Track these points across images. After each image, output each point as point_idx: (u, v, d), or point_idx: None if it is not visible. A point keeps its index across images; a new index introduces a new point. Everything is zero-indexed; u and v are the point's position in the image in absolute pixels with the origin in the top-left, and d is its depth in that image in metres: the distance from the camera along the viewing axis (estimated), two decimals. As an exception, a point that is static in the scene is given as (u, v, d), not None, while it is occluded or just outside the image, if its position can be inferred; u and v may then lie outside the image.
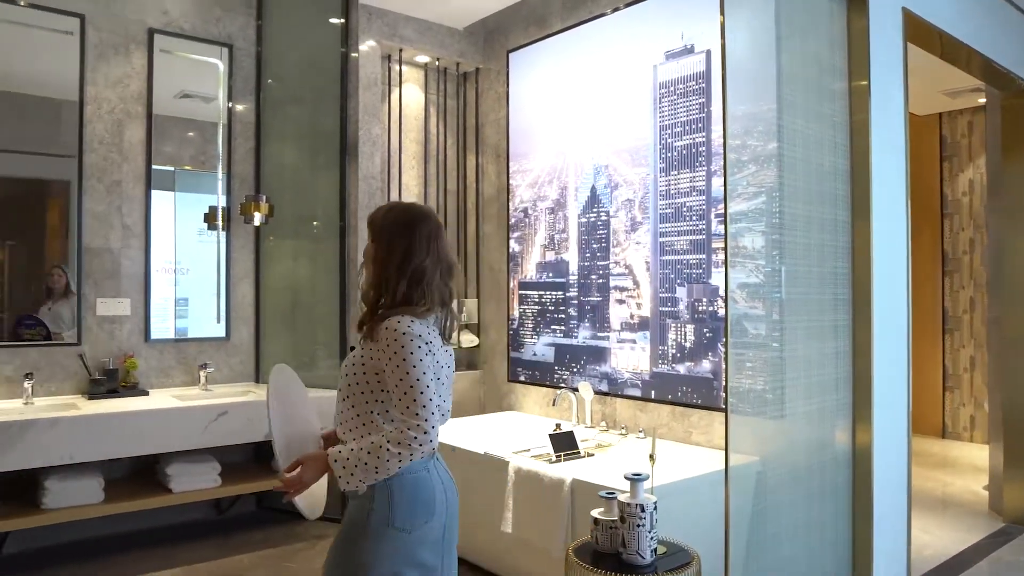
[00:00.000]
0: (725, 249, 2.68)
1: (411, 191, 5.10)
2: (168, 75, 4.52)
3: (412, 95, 5.11)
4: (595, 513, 2.62)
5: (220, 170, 4.71)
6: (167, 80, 4.52)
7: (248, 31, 4.81)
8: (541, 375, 4.71)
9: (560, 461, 3.62)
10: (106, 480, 3.92)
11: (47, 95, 4.18)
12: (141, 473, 4.33)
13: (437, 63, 5.15)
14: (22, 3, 4.07)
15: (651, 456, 2.67)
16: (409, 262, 1.91)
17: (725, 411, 2.74)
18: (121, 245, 4.36)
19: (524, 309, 4.84)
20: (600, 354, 4.32)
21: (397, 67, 4.98)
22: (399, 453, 1.78)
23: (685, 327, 3.86)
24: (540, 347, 4.72)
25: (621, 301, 4.20)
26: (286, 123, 4.84)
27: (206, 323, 4.68)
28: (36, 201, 4.25)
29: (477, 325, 5.24)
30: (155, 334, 4.44)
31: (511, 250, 4.95)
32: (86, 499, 3.80)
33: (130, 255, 4.39)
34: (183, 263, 4.62)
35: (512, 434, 4.37)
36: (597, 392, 4.29)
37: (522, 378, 4.86)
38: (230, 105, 4.74)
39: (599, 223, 4.34)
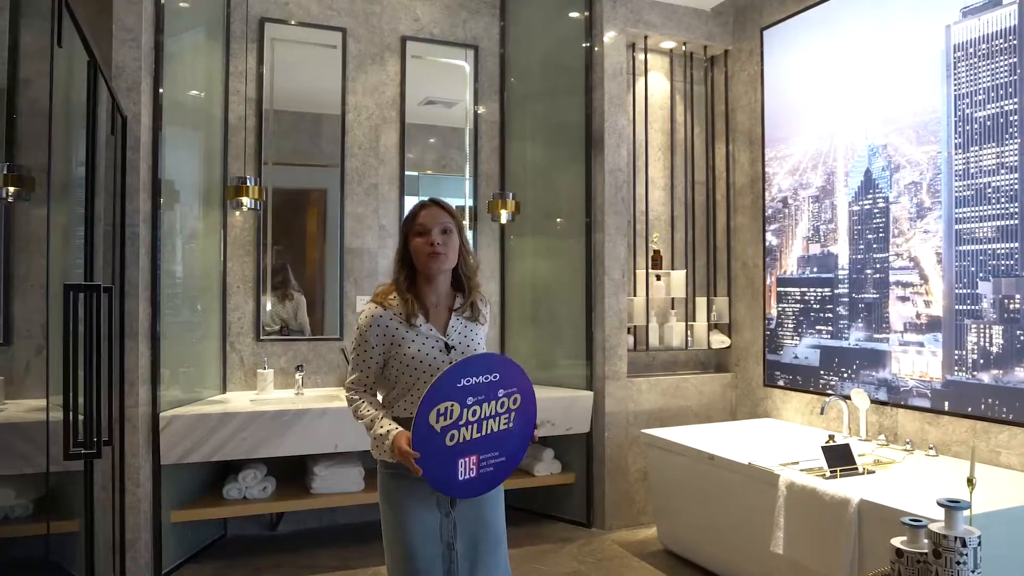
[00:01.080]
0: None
1: (657, 183, 4.88)
2: (418, 80, 4.70)
3: (657, 83, 4.90)
4: (897, 543, 2.24)
5: (468, 170, 4.82)
6: (416, 85, 4.69)
7: (492, 31, 4.88)
8: (803, 380, 4.29)
9: (836, 477, 3.23)
10: (365, 470, 4.13)
11: (311, 111, 4.51)
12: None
13: (684, 48, 4.89)
14: (293, 22, 4.42)
15: (970, 480, 2.24)
16: (470, 251, 2.30)
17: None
18: (378, 245, 4.60)
19: (783, 307, 4.44)
20: (877, 358, 3.82)
21: (642, 55, 4.79)
22: None
23: (990, 329, 3.29)
24: (802, 349, 4.29)
25: (904, 298, 3.68)
26: (529, 120, 4.85)
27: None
28: (300, 209, 4.60)
29: (728, 325, 4.90)
30: (411, 330, 4.63)
31: (767, 243, 4.57)
32: (348, 487, 4.03)
33: (386, 254, 4.61)
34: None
35: (772, 444, 4.01)
36: (873, 401, 3.80)
37: (780, 383, 4.46)
38: (476, 106, 4.83)
39: (875, 211, 3.85)
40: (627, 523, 4.45)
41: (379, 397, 2.27)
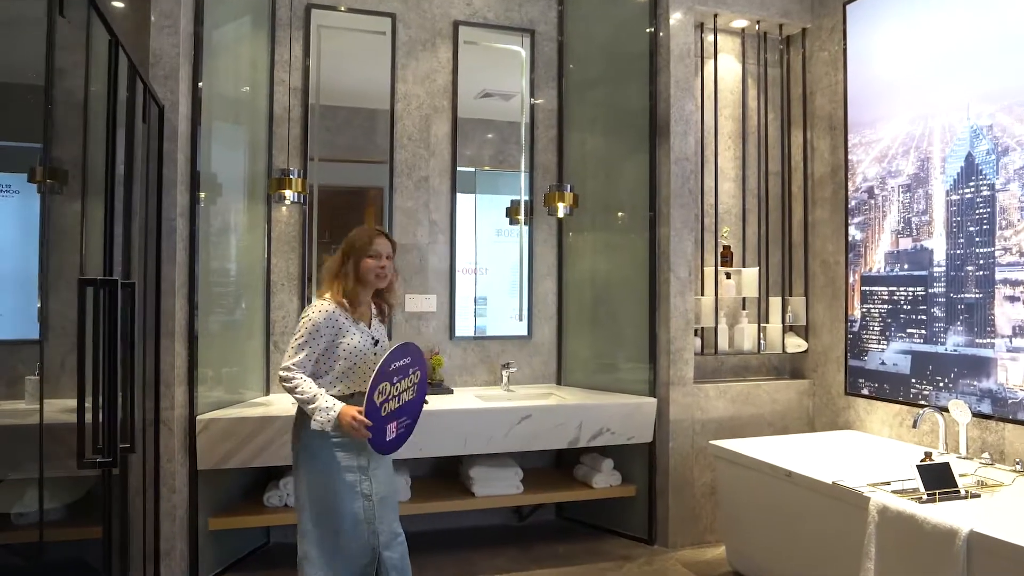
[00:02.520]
0: None
1: (727, 174, 4.52)
2: (470, 68, 4.45)
3: (728, 66, 4.53)
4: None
5: (523, 160, 4.55)
6: (470, 74, 4.44)
7: (549, 15, 4.59)
8: (891, 389, 3.87)
9: (934, 501, 2.84)
10: (412, 478, 3.90)
11: (359, 100, 4.30)
12: (444, 473, 4.29)
13: (757, 27, 4.51)
14: (342, 8, 4.22)
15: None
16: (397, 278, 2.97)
17: None
18: (429, 241, 4.37)
19: (868, 308, 4.03)
20: (979, 365, 3.40)
21: (711, 36, 4.43)
22: None
23: (1121, 334, 2.84)
24: (890, 354, 3.88)
25: (1014, 298, 3.25)
26: (589, 108, 4.54)
27: (503, 322, 4.54)
28: (346, 203, 4.40)
29: (804, 327, 4.50)
30: (458, 332, 4.39)
31: (850, 238, 4.15)
32: (398, 495, 3.80)
33: (437, 250, 4.38)
34: (481, 263, 4.53)
35: (856, 460, 3.62)
36: (975, 414, 3.38)
37: (865, 391, 4.04)
38: (532, 93, 4.56)
39: (978, 200, 3.42)
40: (693, 541, 4.10)
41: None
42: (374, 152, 4.29)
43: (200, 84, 3.51)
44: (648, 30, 4.22)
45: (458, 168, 4.43)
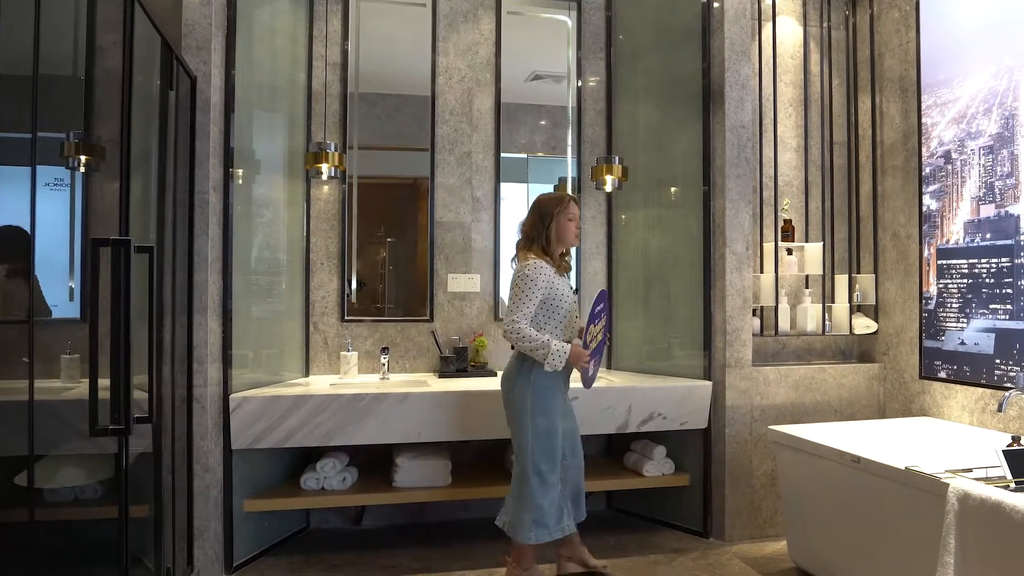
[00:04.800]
0: None
1: (788, 144, 4.23)
2: (515, 40, 4.28)
3: (787, 29, 4.24)
4: None
5: (570, 134, 4.35)
6: (514, 48, 4.27)
7: (597, -19, 4.38)
8: (973, 371, 3.53)
9: (1023, 489, 2.54)
10: (453, 463, 3.74)
11: (399, 73, 4.17)
12: (489, 458, 4.12)
13: (819, -14, 4.21)
14: (381, -22, 4.11)
15: None
16: None
17: None
18: (472, 219, 4.21)
19: (945, 284, 3.69)
20: (1074, 343, 3.05)
21: (769, -3, 4.15)
22: None
23: None
24: (971, 333, 3.54)
25: (1114, 266, 2.90)
26: (639, 78, 4.31)
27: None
28: (387, 181, 4.29)
29: (874, 306, 4.18)
30: (502, 312, 4.22)
31: (925, 208, 3.82)
32: (434, 481, 3.66)
33: (480, 229, 4.22)
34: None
35: (934, 447, 3.31)
36: (1070, 397, 3.03)
37: (942, 374, 3.71)
38: (579, 65, 4.35)
39: (1072, 158, 3.07)
40: (751, 535, 3.83)
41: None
42: (414, 124, 4.15)
43: (235, 56, 3.42)
44: (702, -7, 3.97)
45: (509, 155, 4.27)
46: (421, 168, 4.17)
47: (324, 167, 3.74)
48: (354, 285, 4.06)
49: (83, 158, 3.14)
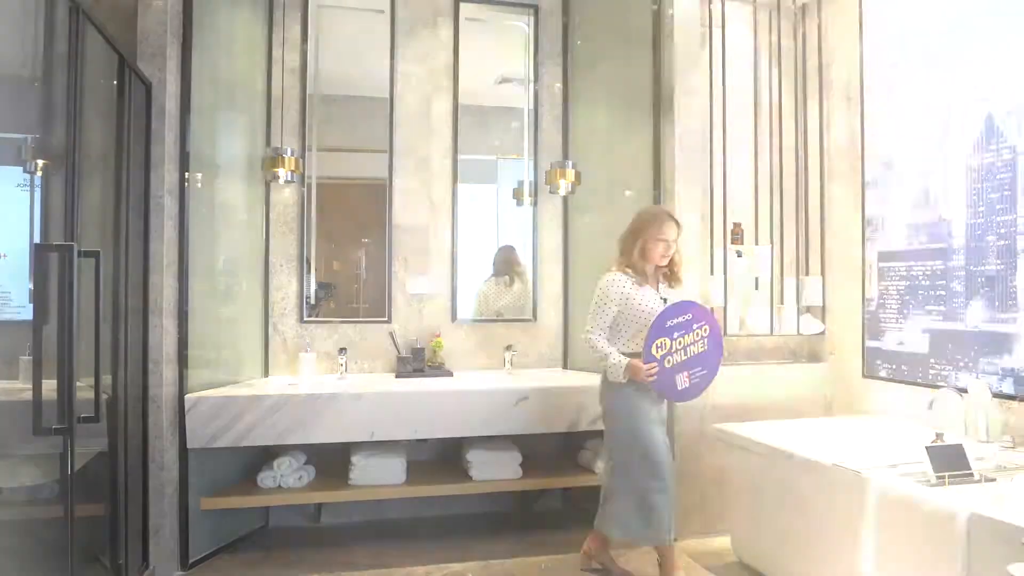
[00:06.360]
0: None
1: (738, 150, 4.33)
2: (473, 48, 4.37)
3: (738, 38, 4.34)
4: (1016, 570, 1.71)
5: (526, 138, 4.44)
6: (470, 52, 4.36)
7: (553, -10, 4.48)
8: (911, 370, 3.66)
9: (943, 484, 2.65)
10: (409, 462, 3.82)
11: (358, 80, 4.28)
12: (445, 458, 4.21)
13: (769, -5, 4.32)
14: (338, -15, 4.18)
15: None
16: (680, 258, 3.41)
17: None
18: (429, 222, 4.29)
19: (886, 286, 3.82)
20: (1001, 342, 3.18)
21: (719, 5, 4.25)
22: None
23: None
24: (909, 334, 3.66)
25: (1036, 269, 3.03)
26: (594, 85, 4.42)
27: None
28: (345, 183, 4.35)
29: (821, 308, 4.30)
30: (460, 314, 4.30)
31: (867, 213, 3.94)
32: (389, 479, 3.74)
33: (437, 232, 4.30)
34: (489, 244, 4.45)
35: (870, 444, 3.41)
36: (996, 395, 3.16)
37: (883, 373, 3.84)
38: (535, 71, 4.44)
39: (999, 165, 3.19)
40: (700, 530, 3.93)
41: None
42: (373, 128, 4.23)
43: (191, 63, 3.48)
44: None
45: (478, 157, 4.38)
46: (381, 170, 4.24)
47: (280, 171, 3.81)
48: (313, 287, 4.13)
49: (40, 162, 3.20)
